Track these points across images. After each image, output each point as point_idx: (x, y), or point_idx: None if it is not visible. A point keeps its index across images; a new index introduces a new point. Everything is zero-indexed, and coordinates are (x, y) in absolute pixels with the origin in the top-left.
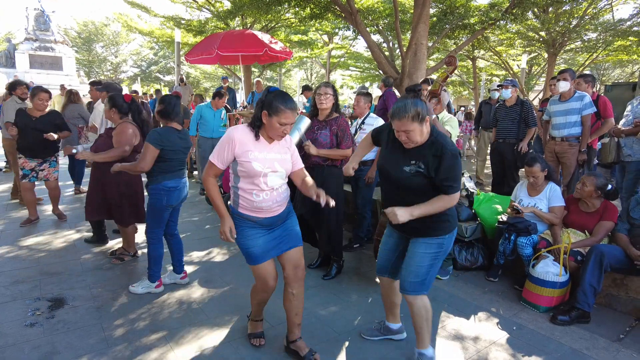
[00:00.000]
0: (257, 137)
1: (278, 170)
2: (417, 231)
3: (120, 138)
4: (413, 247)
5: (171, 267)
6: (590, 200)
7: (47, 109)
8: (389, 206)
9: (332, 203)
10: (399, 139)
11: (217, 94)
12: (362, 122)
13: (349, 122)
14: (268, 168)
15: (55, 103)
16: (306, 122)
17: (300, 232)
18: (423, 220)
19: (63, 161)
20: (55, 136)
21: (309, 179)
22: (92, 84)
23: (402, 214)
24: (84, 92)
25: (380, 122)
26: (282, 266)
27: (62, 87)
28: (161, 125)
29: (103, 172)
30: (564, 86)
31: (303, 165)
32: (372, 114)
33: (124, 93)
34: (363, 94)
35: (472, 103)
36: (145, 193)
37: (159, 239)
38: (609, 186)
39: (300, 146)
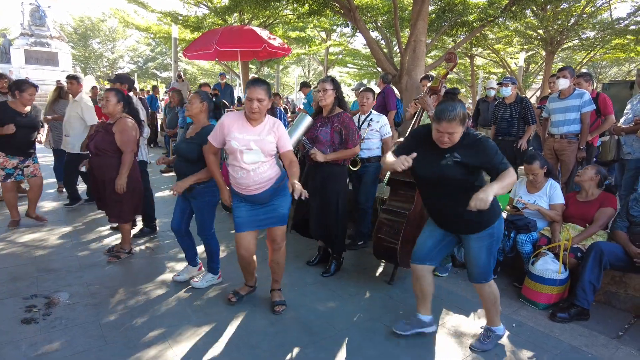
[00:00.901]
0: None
1: (253, 149)
2: (468, 229)
3: (123, 137)
4: (467, 243)
5: (180, 265)
6: (589, 187)
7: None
8: (434, 217)
9: (304, 196)
10: (439, 140)
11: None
12: (370, 119)
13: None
14: (243, 146)
15: None
16: (307, 120)
17: (286, 215)
18: (469, 218)
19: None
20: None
21: (295, 169)
22: (70, 77)
23: (485, 197)
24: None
25: (384, 119)
26: (267, 237)
27: (59, 82)
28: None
29: (102, 172)
30: (563, 83)
31: (290, 149)
32: (374, 111)
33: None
34: (369, 90)
35: (470, 101)
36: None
37: (214, 235)
38: (608, 180)
39: (307, 153)
